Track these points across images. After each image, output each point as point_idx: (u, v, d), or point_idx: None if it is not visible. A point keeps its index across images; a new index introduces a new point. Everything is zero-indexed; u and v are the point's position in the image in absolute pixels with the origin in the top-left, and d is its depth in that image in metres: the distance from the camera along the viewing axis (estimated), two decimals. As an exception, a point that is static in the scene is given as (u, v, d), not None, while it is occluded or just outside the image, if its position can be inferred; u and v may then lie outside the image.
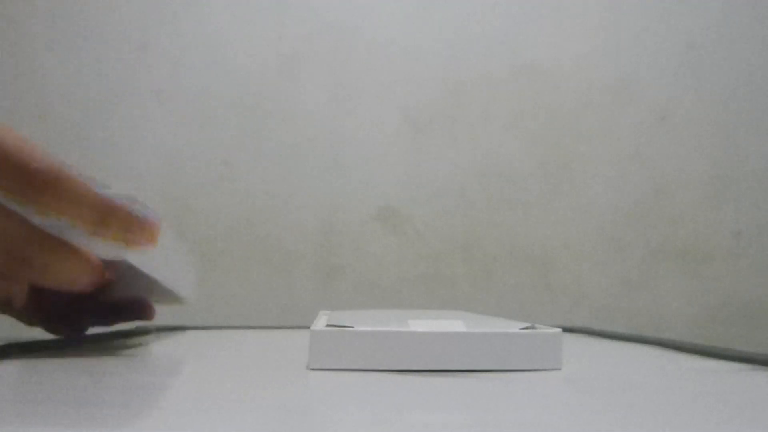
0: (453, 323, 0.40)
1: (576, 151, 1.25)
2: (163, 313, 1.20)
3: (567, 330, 0.82)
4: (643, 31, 1.26)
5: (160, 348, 0.53)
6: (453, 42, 1.26)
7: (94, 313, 0.50)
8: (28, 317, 0.47)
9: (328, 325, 0.38)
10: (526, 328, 0.39)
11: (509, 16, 1.26)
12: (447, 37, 1.26)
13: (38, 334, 0.51)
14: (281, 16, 1.26)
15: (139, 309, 0.52)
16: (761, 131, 1.26)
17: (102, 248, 0.36)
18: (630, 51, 1.26)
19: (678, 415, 0.26)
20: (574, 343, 0.62)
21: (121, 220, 0.35)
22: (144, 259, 0.45)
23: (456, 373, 0.36)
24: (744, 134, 1.25)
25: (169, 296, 0.55)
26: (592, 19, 1.26)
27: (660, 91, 1.26)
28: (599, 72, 1.26)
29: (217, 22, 1.26)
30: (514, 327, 0.39)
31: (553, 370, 0.38)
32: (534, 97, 1.25)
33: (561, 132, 1.25)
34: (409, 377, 0.34)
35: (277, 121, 1.23)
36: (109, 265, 0.41)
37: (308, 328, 0.39)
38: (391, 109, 1.23)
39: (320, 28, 1.26)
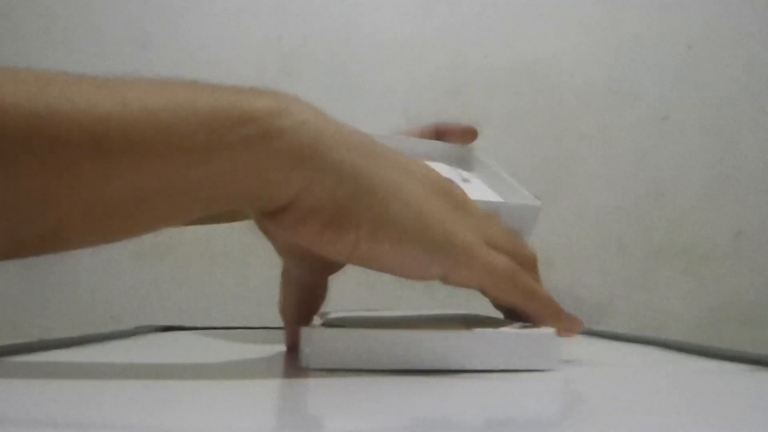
0: (448, 323, 0.39)
1: (576, 151, 1.25)
2: (161, 313, 1.19)
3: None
4: (643, 31, 1.26)
5: (159, 348, 0.53)
6: (453, 42, 1.26)
7: None
8: None
9: (322, 325, 0.38)
10: (522, 327, 0.39)
11: (509, 16, 1.26)
12: (447, 37, 1.26)
13: (38, 333, 0.51)
14: (281, 16, 1.26)
15: None
16: (761, 131, 1.26)
17: None
18: (630, 51, 1.26)
19: (678, 415, 0.25)
20: (575, 343, 0.62)
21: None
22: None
23: (455, 374, 0.36)
24: (744, 134, 1.25)
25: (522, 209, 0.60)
26: (592, 19, 1.26)
27: (660, 91, 1.26)
28: (599, 72, 1.26)
29: (217, 22, 1.26)
30: (510, 327, 0.39)
31: (550, 370, 0.38)
32: (534, 96, 1.25)
33: (561, 132, 1.25)
34: (407, 377, 0.34)
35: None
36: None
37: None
38: (392, 108, 1.23)
39: (320, 28, 1.26)
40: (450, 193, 0.41)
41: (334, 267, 0.43)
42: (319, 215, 0.36)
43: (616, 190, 1.24)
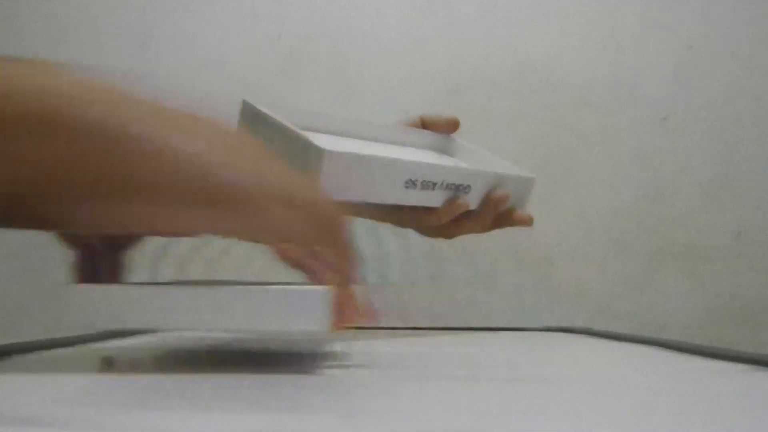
0: (217, 283, 0.36)
1: (576, 151, 1.25)
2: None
3: (568, 330, 0.82)
4: (643, 31, 1.26)
5: (158, 346, 0.53)
6: (453, 42, 1.26)
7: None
8: None
9: None
10: (295, 285, 0.36)
11: (509, 16, 1.26)
12: (447, 37, 1.26)
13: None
14: (281, 16, 1.26)
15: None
16: (761, 132, 1.26)
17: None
18: (630, 51, 1.26)
19: (679, 415, 0.25)
20: (575, 343, 0.62)
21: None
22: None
23: (449, 376, 0.36)
24: (744, 135, 1.25)
25: (520, 181, 0.62)
26: (592, 19, 1.26)
27: (660, 92, 1.26)
28: (599, 72, 1.26)
29: (217, 22, 1.26)
30: (278, 285, 0.36)
31: (320, 330, 0.35)
32: (534, 97, 1.25)
33: (561, 132, 1.25)
34: (405, 378, 0.34)
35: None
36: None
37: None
38: (392, 109, 1.23)
39: (320, 28, 1.26)
40: (246, 149, 0.39)
41: (128, 240, 0.41)
42: (75, 189, 0.34)
43: (616, 190, 1.24)
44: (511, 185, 0.62)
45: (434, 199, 0.57)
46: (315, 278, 0.38)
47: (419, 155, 0.64)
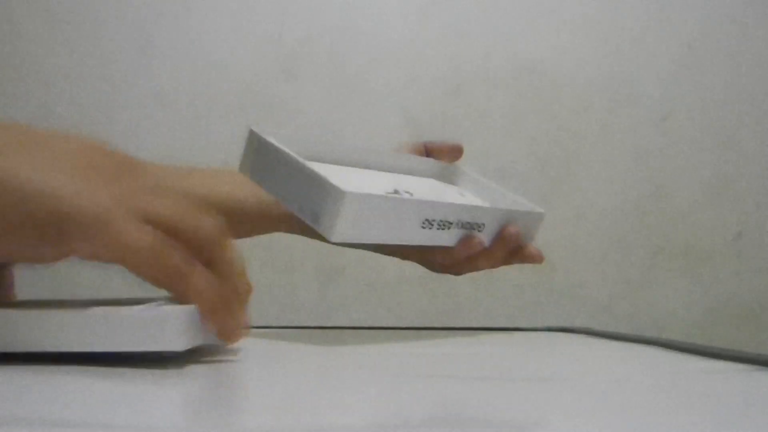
0: (79, 305, 0.36)
1: (576, 151, 1.25)
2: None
3: (568, 330, 0.82)
4: (643, 31, 1.26)
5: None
6: (453, 42, 1.26)
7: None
8: None
9: None
10: (151, 305, 0.36)
11: (509, 16, 1.26)
12: (447, 37, 1.26)
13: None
14: (281, 16, 1.26)
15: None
16: (761, 132, 1.26)
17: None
18: (630, 51, 1.26)
19: (678, 415, 0.25)
20: (575, 343, 0.62)
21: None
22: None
23: (449, 377, 0.36)
24: (744, 135, 1.25)
25: (530, 215, 0.64)
26: (592, 19, 1.26)
27: (660, 92, 1.26)
28: (599, 72, 1.26)
29: (217, 23, 1.26)
30: (133, 306, 0.36)
31: (176, 350, 0.34)
32: (534, 97, 1.25)
33: (561, 132, 1.25)
34: (407, 378, 0.34)
35: (276, 122, 1.23)
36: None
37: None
38: (392, 109, 1.23)
39: (320, 28, 1.26)
40: (101, 165, 0.38)
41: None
42: None
43: (616, 190, 1.24)
44: (522, 221, 0.62)
45: (449, 238, 0.57)
46: (179, 296, 0.37)
47: (424, 184, 0.64)
